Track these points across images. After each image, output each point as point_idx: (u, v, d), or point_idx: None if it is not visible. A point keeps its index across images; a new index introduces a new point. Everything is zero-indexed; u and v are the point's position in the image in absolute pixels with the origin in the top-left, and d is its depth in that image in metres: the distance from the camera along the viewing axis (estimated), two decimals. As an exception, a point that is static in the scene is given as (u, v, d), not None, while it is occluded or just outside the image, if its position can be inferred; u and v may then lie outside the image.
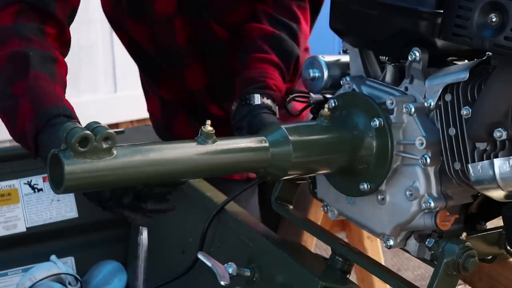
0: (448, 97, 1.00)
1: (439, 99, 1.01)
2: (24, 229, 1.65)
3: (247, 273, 1.22)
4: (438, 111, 1.01)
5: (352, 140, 1.07)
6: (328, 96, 1.21)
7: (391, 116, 1.05)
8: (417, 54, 1.01)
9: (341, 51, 1.26)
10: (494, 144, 0.95)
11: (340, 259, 1.18)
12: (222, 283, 1.17)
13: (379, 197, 1.08)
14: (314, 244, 1.98)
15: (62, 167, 0.87)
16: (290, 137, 1.03)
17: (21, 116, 1.22)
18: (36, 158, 1.23)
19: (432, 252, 1.04)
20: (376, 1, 1.04)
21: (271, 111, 1.36)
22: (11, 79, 1.26)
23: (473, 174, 0.93)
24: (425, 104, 1.02)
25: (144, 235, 1.44)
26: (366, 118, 1.07)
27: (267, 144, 1.02)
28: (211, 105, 1.67)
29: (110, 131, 0.89)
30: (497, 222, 1.10)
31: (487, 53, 1.01)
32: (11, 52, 1.27)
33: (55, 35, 1.35)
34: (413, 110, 1.02)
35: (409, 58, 1.02)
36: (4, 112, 1.27)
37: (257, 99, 1.37)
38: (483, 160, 0.94)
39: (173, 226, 1.61)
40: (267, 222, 1.70)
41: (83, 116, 1.25)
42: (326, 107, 1.11)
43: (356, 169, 1.08)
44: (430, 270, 1.03)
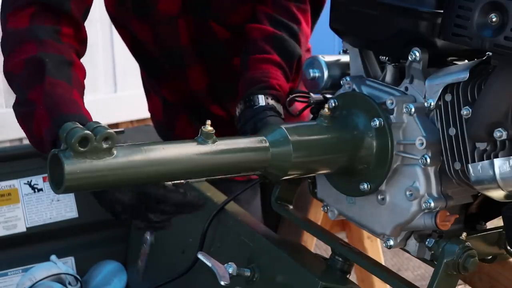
0: (448, 97, 1.00)
1: (439, 99, 1.01)
2: (24, 229, 1.65)
3: (247, 273, 1.22)
4: (438, 111, 1.01)
5: (352, 140, 1.07)
6: (328, 96, 1.21)
7: (391, 116, 1.05)
8: (417, 54, 1.01)
9: (341, 51, 1.26)
10: (494, 144, 0.95)
11: (340, 259, 1.18)
12: (222, 283, 1.17)
13: (379, 197, 1.08)
14: (314, 244, 1.98)
15: (62, 167, 0.87)
16: (290, 137, 1.03)
17: (37, 122, 1.21)
18: None
19: (432, 252, 1.04)
20: (376, 1, 1.04)
21: (276, 112, 1.34)
22: (28, 85, 1.25)
23: (473, 174, 0.93)
24: (425, 104, 1.02)
25: (150, 238, 1.44)
26: (366, 118, 1.07)
27: (267, 144, 1.02)
28: (213, 106, 1.67)
29: (110, 131, 0.89)
30: (497, 222, 1.10)
31: (487, 53, 1.01)
32: (27, 57, 1.27)
33: (72, 35, 1.34)
34: (413, 110, 1.02)
35: (409, 58, 1.02)
36: (22, 118, 1.27)
37: (261, 100, 1.35)
38: (483, 160, 0.94)
39: (173, 226, 1.61)
40: (269, 222, 1.71)
41: (83, 116, 1.25)
42: (326, 107, 1.11)
43: (356, 169, 1.08)
44: (430, 270, 1.03)
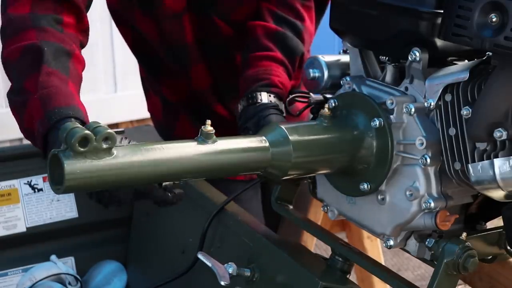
0: (448, 97, 1.00)
1: (439, 99, 1.01)
2: (24, 229, 1.65)
3: (247, 273, 1.22)
4: (438, 111, 1.01)
5: (352, 140, 1.07)
6: (328, 96, 1.21)
7: (391, 116, 1.05)
8: (417, 54, 1.01)
9: (341, 51, 1.26)
10: (494, 144, 0.95)
11: (340, 259, 1.18)
12: (222, 283, 1.17)
13: (379, 197, 1.08)
14: (314, 244, 1.98)
15: (62, 167, 0.87)
16: (290, 137, 1.03)
17: (29, 113, 1.19)
18: (45, 157, 1.19)
19: (432, 252, 1.04)
20: (376, 1, 1.04)
21: (278, 110, 1.33)
22: (23, 74, 1.23)
23: (473, 174, 0.93)
24: (425, 104, 1.02)
25: None
26: (366, 118, 1.07)
27: (267, 144, 1.02)
28: (217, 105, 1.66)
29: (110, 131, 0.89)
30: (497, 222, 1.10)
31: (487, 53, 1.01)
32: (26, 45, 1.24)
33: (73, 24, 1.32)
34: (413, 110, 1.02)
35: (409, 58, 1.02)
36: (15, 107, 1.24)
37: (264, 97, 1.34)
38: (483, 160, 0.94)
39: (173, 226, 1.61)
40: (269, 222, 1.70)
41: (83, 116, 1.24)
42: (326, 107, 1.11)
43: (356, 169, 1.08)
44: (430, 270, 1.03)
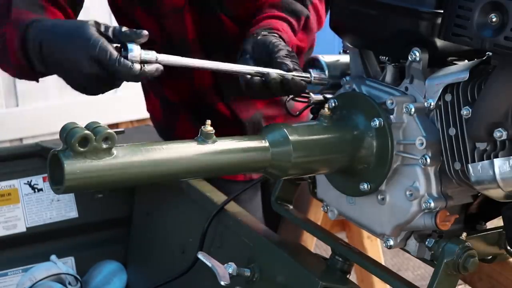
0: (448, 97, 1.00)
1: (439, 99, 1.01)
2: (24, 229, 1.65)
3: (247, 273, 1.22)
4: (438, 111, 1.01)
5: (352, 140, 1.07)
6: (328, 96, 1.21)
7: (391, 116, 1.05)
8: (417, 54, 1.01)
9: (341, 51, 1.26)
10: (494, 144, 0.95)
11: (340, 259, 1.18)
12: (222, 283, 1.17)
13: (379, 197, 1.08)
14: (314, 244, 1.98)
15: (62, 167, 0.87)
16: (290, 137, 1.03)
17: (9, 44, 1.18)
18: (35, 76, 1.20)
19: (432, 252, 1.04)
20: (376, 1, 1.04)
21: (281, 38, 1.32)
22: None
23: (473, 174, 0.93)
24: (425, 104, 1.02)
25: None
26: (366, 118, 1.07)
27: (267, 144, 1.02)
28: (219, 104, 1.64)
29: (110, 131, 0.89)
30: (497, 222, 1.10)
31: (487, 53, 1.01)
32: None
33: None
34: (413, 110, 1.02)
35: (409, 58, 1.02)
36: (1, 57, 1.24)
37: (264, 32, 1.34)
38: (483, 160, 0.94)
39: (173, 226, 1.61)
40: (270, 222, 1.70)
41: (83, 116, 1.24)
42: (326, 107, 1.11)
43: (356, 169, 1.08)
44: (430, 270, 1.03)
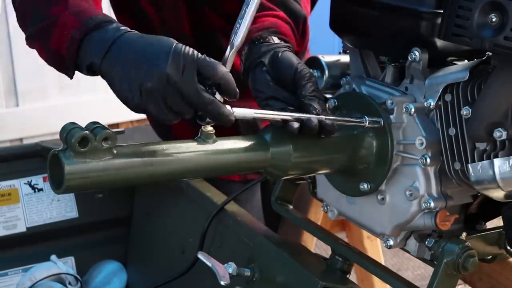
0: (448, 97, 1.00)
1: (439, 99, 1.01)
2: (24, 229, 1.66)
3: (247, 273, 1.22)
4: (438, 111, 1.01)
5: (352, 140, 1.07)
6: (328, 96, 1.21)
7: (391, 116, 1.05)
8: (417, 54, 1.01)
9: (341, 51, 1.26)
10: (494, 144, 0.95)
11: (340, 259, 1.18)
12: (222, 283, 1.17)
13: (379, 197, 1.08)
14: (314, 244, 1.98)
15: (62, 167, 0.87)
16: (290, 137, 1.03)
17: (59, 31, 1.10)
18: (73, 70, 1.11)
19: (432, 252, 1.04)
20: (376, 1, 1.04)
21: (293, 52, 1.19)
22: (48, 4, 1.14)
23: (473, 174, 0.93)
24: (425, 104, 1.02)
25: None
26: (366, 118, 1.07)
27: (267, 144, 1.02)
28: None
29: (110, 131, 0.89)
30: (497, 222, 1.10)
31: (487, 53, 1.01)
32: None
33: None
34: (413, 110, 1.02)
35: (409, 58, 1.02)
36: (38, 34, 1.15)
37: (275, 39, 1.21)
38: (483, 160, 0.94)
39: (173, 226, 1.62)
40: (270, 222, 1.70)
41: (83, 116, 1.24)
42: (326, 107, 1.11)
43: (356, 169, 1.08)
44: (430, 270, 1.03)
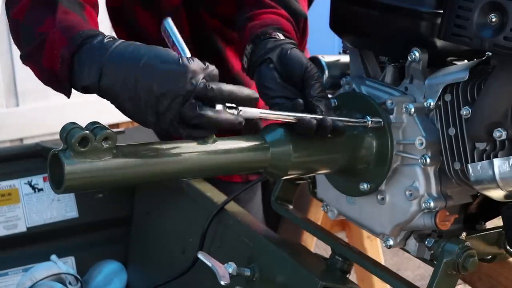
0: (448, 97, 1.00)
1: (439, 99, 1.01)
2: (24, 229, 1.66)
3: (247, 273, 1.22)
4: (438, 111, 1.01)
5: (352, 140, 1.07)
6: (328, 96, 1.21)
7: (391, 116, 1.05)
8: (417, 54, 1.01)
9: (341, 51, 1.26)
10: (493, 144, 0.95)
11: (340, 259, 1.18)
12: (222, 283, 1.17)
13: (379, 197, 1.08)
14: (314, 244, 1.98)
15: (62, 167, 0.87)
16: (290, 137, 1.03)
17: (49, 48, 1.08)
18: (69, 89, 1.08)
19: (432, 252, 1.04)
20: (376, 1, 1.04)
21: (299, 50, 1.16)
22: (37, 22, 1.13)
23: (472, 174, 0.93)
24: (425, 104, 1.02)
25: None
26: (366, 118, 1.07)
27: (267, 144, 1.02)
28: None
29: (110, 131, 0.89)
30: (497, 222, 1.10)
31: (486, 53, 1.01)
32: None
33: None
34: (413, 110, 1.02)
35: (409, 58, 1.02)
36: (31, 54, 1.13)
37: (281, 35, 1.18)
38: (483, 160, 0.94)
39: (173, 226, 1.62)
40: (270, 222, 1.70)
41: (83, 116, 1.24)
42: (327, 107, 1.11)
43: (356, 169, 1.08)
44: (430, 270, 1.03)
